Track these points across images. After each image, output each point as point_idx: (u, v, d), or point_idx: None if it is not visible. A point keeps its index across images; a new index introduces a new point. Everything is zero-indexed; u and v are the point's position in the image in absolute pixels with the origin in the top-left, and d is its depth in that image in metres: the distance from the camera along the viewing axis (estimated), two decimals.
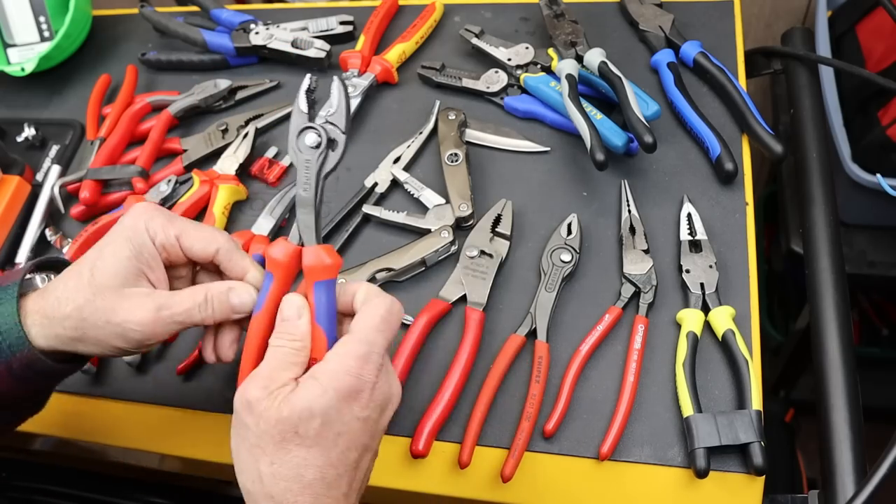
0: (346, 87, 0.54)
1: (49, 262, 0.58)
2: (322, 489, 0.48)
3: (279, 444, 0.47)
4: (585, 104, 0.76)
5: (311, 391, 0.47)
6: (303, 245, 0.53)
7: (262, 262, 0.75)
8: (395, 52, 0.90)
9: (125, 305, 0.50)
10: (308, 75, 0.54)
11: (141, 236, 0.52)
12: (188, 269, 0.57)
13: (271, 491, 0.47)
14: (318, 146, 0.53)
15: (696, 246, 0.71)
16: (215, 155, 0.86)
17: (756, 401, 0.62)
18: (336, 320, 0.52)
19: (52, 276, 0.56)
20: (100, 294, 0.50)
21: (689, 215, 0.73)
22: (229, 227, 0.82)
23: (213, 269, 0.57)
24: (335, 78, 0.53)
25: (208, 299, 0.52)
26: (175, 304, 0.52)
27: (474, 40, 0.88)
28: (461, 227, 0.76)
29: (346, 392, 0.48)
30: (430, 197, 0.78)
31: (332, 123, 0.53)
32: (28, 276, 0.55)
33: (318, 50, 0.91)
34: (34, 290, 0.54)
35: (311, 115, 0.54)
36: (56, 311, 0.51)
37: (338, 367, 0.48)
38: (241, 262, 0.55)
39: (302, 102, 0.53)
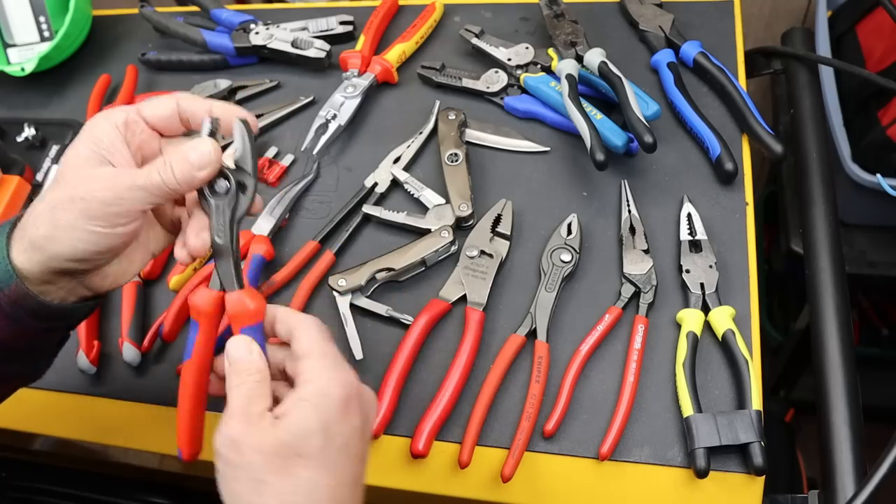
0: (248, 129, 0.52)
1: None
2: (330, 501, 0.47)
3: (282, 472, 0.45)
4: (585, 104, 0.76)
5: (305, 410, 0.46)
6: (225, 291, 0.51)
7: (261, 263, 0.76)
8: (395, 52, 0.90)
9: (86, 181, 0.49)
10: (207, 118, 0.51)
11: (100, 126, 0.50)
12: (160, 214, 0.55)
13: None
14: (227, 192, 0.51)
15: (696, 246, 0.71)
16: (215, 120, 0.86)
17: (756, 401, 0.62)
18: (268, 363, 0.51)
19: None
20: (64, 183, 0.49)
21: (689, 215, 0.73)
22: None
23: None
24: (236, 120, 0.52)
25: (167, 161, 0.49)
26: (135, 171, 0.50)
27: (474, 40, 0.88)
28: (461, 227, 0.76)
29: (339, 403, 0.47)
30: (430, 197, 0.78)
31: (239, 167, 0.52)
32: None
33: (318, 50, 0.91)
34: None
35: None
36: (31, 217, 0.50)
37: (322, 382, 0.48)
38: (202, 104, 0.53)
39: (205, 132, 0.51)
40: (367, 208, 0.78)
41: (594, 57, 0.78)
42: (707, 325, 0.67)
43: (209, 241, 0.52)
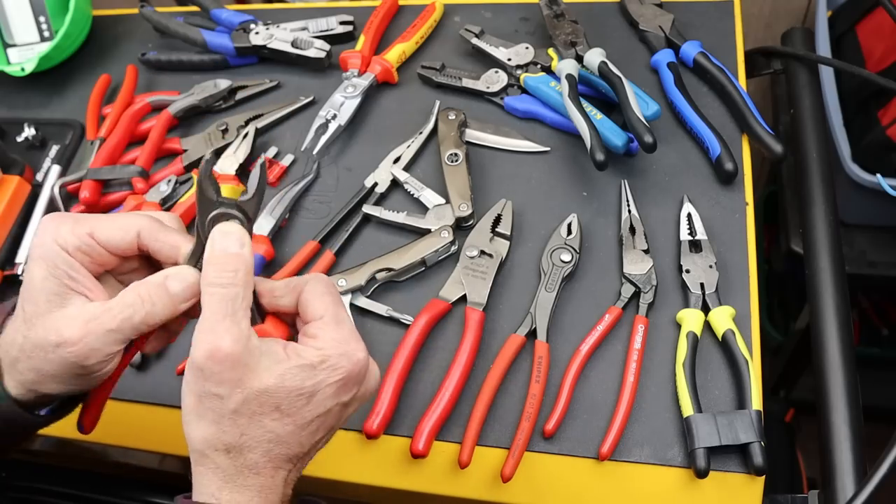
0: (264, 170, 0.48)
1: None
2: (284, 467, 0.46)
3: (256, 417, 0.43)
4: (585, 104, 0.76)
5: (304, 370, 0.44)
6: None
7: (261, 263, 0.76)
8: (395, 52, 0.90)
9: (56, 327, 0.44)
10: (205, 158, 0.47)
11: (50, 249, 0.46)
12: (138, 263, 0.50)
13: (238, 462, 0.44)
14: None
15: (696, 246, 0.71)
16: (215, 155, 0.86)
17: (756, 401, 0.62)
18: None
19: None
20: (32, 326, 0.45)
21: (689, 215, 0.73)
22: None
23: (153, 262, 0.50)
24: (261, 157, 0.49)
25: (143, 297, 0.45)
26: (105, 311, 0.45)
27: (474, 40, 0.88)
28: (461, 227, 0.76)
29: (340, 378, 0.46)
30: (430, 197, 0.78)
31: (242, 211, 0.47)
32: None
33: (318, 50, 0.91)
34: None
35: (222, 201, 0.46)
36: (7, 358, 0.46)
37: (333, 353, 0.45)
38: (168, 239, 0.48)
39: (208, 188, 0.46)
40: (367, 208, 0.78)
41: (594, 57, 0.78)
42: (707, 325, 0.67)
43: None
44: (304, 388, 0.44)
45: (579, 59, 0.81)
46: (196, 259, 0.47)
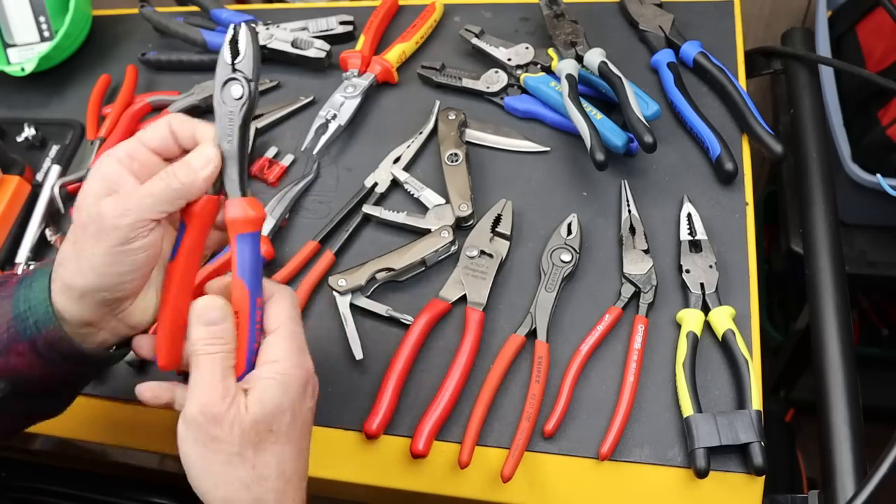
0: (254, 35, 0.52)
1: None
2: (297, 481, 0.51)
3: (257, 446, 0.48)
4: (585, 104, 0.76)
5: (275, 389, 0.49)
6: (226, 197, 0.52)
7: (262, 263, 0.76)
8: (395, 52, 0.90)
9: (97, 206, 0.49)
10: (232, 25, 0.52)
11: (103, 164, 0.51)
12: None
13: (261, 496, 0.48)
14: (240, 97, 0.51)
15: (696, 246, 0.71)
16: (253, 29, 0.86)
17: (756, 401, 0.62)
18: (260, 274, 0.52)
19: None
20: (79, 217, 0.50)
21: (689, 215, 0.73)
22: None
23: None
24: (243, 26, 0.52)
25: (169, 171, 0.50)
26: (137, 187, 0.50)
27: (474, 40, 0.88)
28: (461, 227, 0.76)
29: (301, 384, 0.51)
30: (430, 197, 0.78)
31: (239, 70, 0.51)
32: None
33: (318, 50, 0.91)
34: None
35: (234, 66, 0.52)
36: (60, 260, 0.51)
37: (289, 364, 0.51)
38: (191, 125, 0.53)
39: (226, 53, 0.51)
40: (367, 208, 0.78)
41: (594, 57, 0.78)
42: (707, 325, 0.67)
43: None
44: (283, 405, 0.49)
45: (579, 59, 0.81)
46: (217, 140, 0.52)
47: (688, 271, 0.70)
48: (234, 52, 0.51)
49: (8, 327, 0.51)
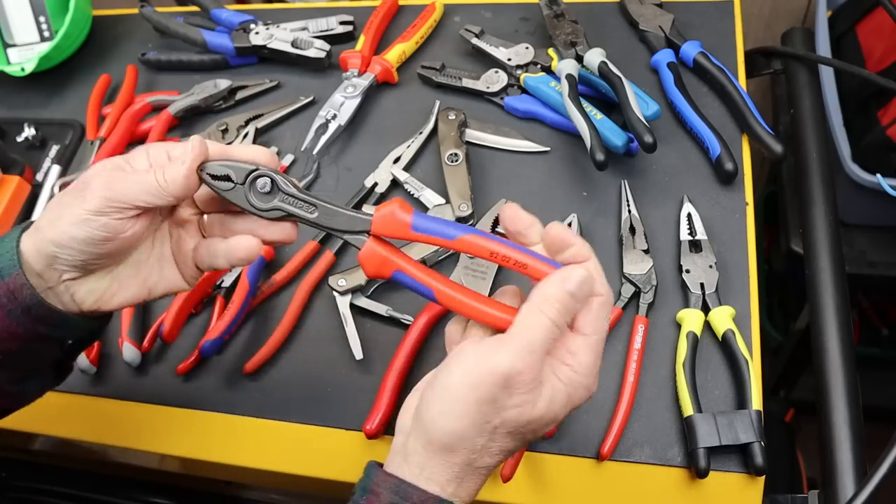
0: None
1: None
2: (486, 474, 0.47)
3: (509, 434, 0.46)
4: (585, 104, 0.76)
5: (563, 398, 0.46)
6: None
7: (262, 263, 0.76)
8: (395, 52, 0.90)
9: (96, 175, 0.50)
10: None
11: (137, 151, 0.53)
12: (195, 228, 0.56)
13: (477, 463, 0.46)
14: (270, 189, 0.52)
15: (696, 246, 0.71)
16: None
17: (756, 401, 0.62)
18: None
19: None
20: (80, 180, 0.51)
21: (689, 215, 0.73)
22: None
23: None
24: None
25: (161, 166, 0.51)
26: (140, 172, 0.51)
27: (474, 40, 0.88)
28: None
29: (572, 405, 0.47)
30: (430, 197, 0.78)
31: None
32: None
33: (318, 50, 0.91)
34: None
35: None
36: (41, 214, 0.51)
37: (586, 378, 0.47)
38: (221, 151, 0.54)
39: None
40: (368, 208, 0.78)
41: (594, 57, 0.78)
42: (707, 325, 0.67)
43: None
44: (548, 416, 0.46)
45: (579, 59, 0.81)
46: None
47: (688, 271, 0.70)
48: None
49: None
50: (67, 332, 0.55)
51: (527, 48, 0.85)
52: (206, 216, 0.56)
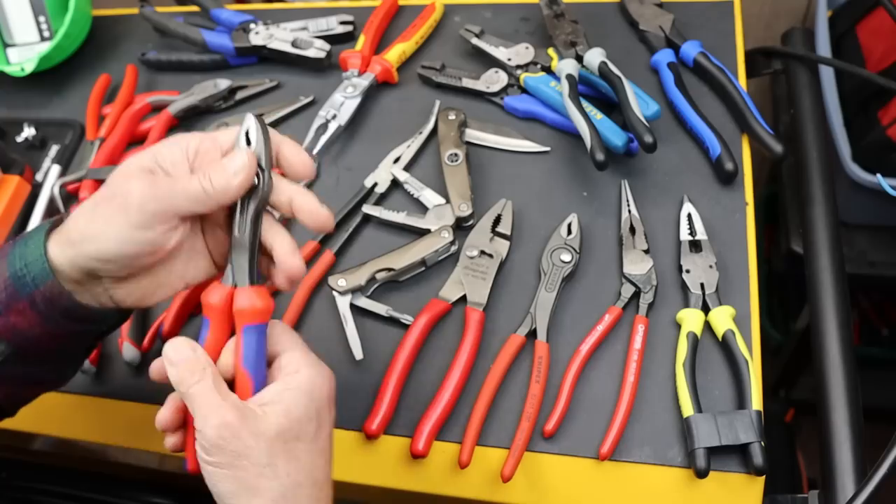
0: (262, 124, 0.52)
1: None
2: (328, 487, 0.50)
3: (287, 454, 0.48)
4: (585, 104, 0.76)
5: (298, 397, 0.49)
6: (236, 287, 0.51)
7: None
8: (395, 52, 0.90)
9: (130, 182, 0.49)
10: (249, 115, 0.51)
11: (166, 146, 0.51)
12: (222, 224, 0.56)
13: (298, 497, 0.48)
14: (254, 187, 0.51)
15: (696, 246, 0.71)
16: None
17: (756, 401, 0.62)
18: (264, 365, 0.51)
19: None
20: (110, 183, 0.50)
21: (689, 215, 0.73)
22: None
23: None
24: (248, 115, 0.52)
25: (206, 171, 0.50)
26: (176, 178, 0.50)
27: (474, 40, 0.88)
28: (461, 227, 0.76)
29: (326, 392, 0.51)
30: (430, 197, 0.78)
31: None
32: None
33: (318, 50, 0.91)
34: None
35: None
36: (72, 215, 0.50)
37: (311, 372, 0.51)
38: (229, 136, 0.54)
39: (241, 143, 0.51)
40: (367, 208, 0.78)
41: (594, 57, 0.78)
42: (707, 325, 0.67)
43: (301, 264, 0.53)
44: (310, 413, 0.49)
45: (579, 59, 0.81)
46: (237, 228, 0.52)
47: (688, 271, 0.70)
48: (247, 142, 0.51)
49: (5, 286, 0.50)
50: (104, 325, 0.56)
51: (527, 48, 0.85)
52: None
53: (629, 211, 0.74)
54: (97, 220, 0.49)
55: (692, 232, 0.72)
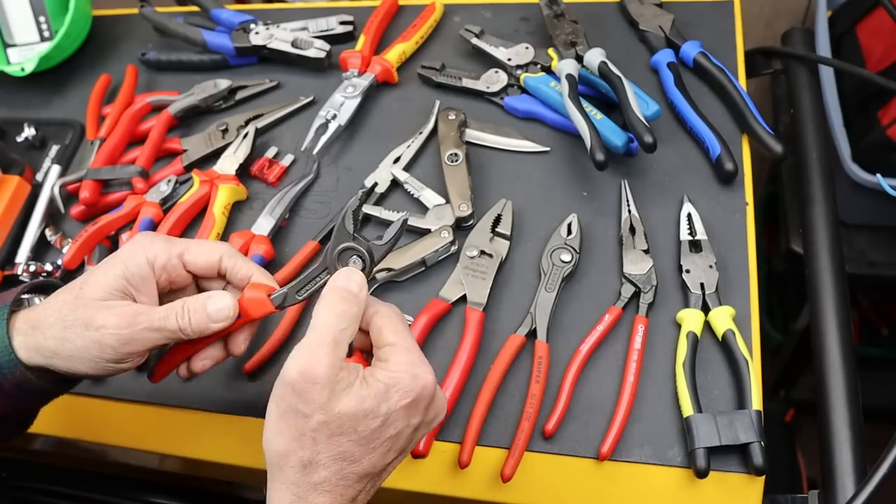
0: (403, 227, 0.55)
1: (44, 285, 0.59)
2: (353, 482, 0.48)
3: (332, 437, 0.46)
4: (585, 104, 0.76)
5: (378, 394, 0.47)
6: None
7: (261, 263, 0.76)
8: (395, 52, 0.90)
9: (104, 313, 0.51)
10: (358, 194, 0.54)
11: (136, 259, 0.53)
12: (192, 290, 0.58)
13: (312, 479, 0.47)
14: (363, 267, 0.53)
15: (696, 246, 0.71)
16: (215, 155, 0.86)
17: (756, 401, 0.62)
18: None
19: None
20: (82, 305, 0.51)
21: (689, 215, 0.73)
22: (229, 227, 0.82)
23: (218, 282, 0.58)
24: (401, 215, 0.55)
25: (185, 308, 0.52)
26: (152, 311, 0.52)
27: (474, 40, 0.88)
28: (461, 227, 0.76)
29: (410, 400, 0.48)
30: (430, 197, 0.78)
31: (370, 252, 0.53)
32: (24, 296, 0.56)
33: (317, 50, 0.91)
34: (26, 308, 0.55)
35: (355, 236, 0.53)
36: (41, 322, 0.52)
37: (405, 376, 0.48)
38: (245, 266, 0.56)
39: (349, 222, 0.53)
40: (367, 208, 0.78)
41: (594, 57, 0.78)
42: (707, 325, 0.67)
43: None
44: (378, 411, 0.47)
45: (579, 59, 0.81)
46: (300, 287, 0.54)
47: (688, 271, 0.70)
48: (356, 222, 0.53)
49: None
50: (73, 387, 0.58)
51: (527, 48, 0.85)
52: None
53: (629, 211, 0.74)
54: (68, 344, 0.51)
55: (692, 232, 0.72)
